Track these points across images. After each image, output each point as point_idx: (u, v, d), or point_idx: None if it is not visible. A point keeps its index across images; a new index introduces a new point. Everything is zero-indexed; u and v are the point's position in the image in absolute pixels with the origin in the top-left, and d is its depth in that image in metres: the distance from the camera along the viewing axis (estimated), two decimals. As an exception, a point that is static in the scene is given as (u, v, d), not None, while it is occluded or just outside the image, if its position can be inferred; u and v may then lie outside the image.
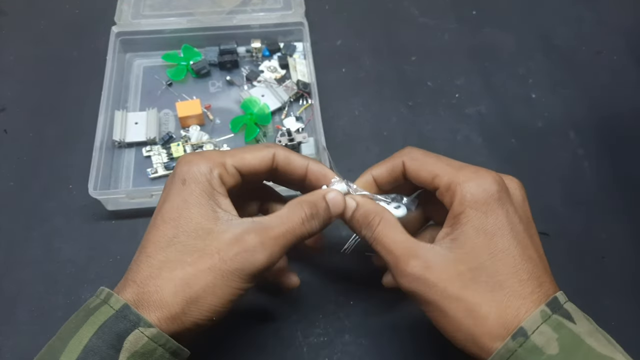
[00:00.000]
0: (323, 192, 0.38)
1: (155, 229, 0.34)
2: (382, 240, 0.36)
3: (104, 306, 0.32)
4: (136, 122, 0.57)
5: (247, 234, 0.34)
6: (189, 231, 0.34)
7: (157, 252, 0.33)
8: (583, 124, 0.61)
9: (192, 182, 0.35)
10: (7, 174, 0.55)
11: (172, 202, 0.35)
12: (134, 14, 0.63)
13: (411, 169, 0.38)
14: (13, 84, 0.63)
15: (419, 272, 0.33)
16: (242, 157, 0.37)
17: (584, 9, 0.73)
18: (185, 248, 0.33)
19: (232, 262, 0.33)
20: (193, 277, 0.33)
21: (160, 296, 0.32)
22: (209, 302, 0.33)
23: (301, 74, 0.61)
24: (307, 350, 0.46)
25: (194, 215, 0.34)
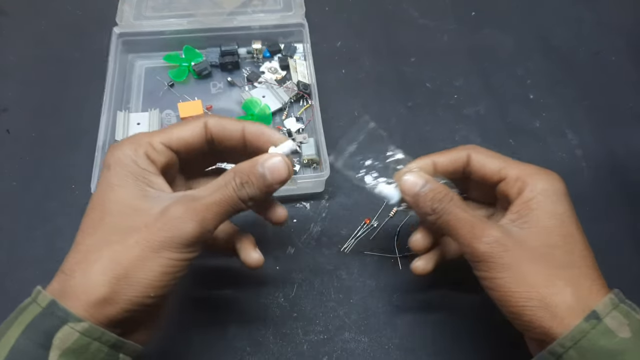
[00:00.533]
0: (260, 159, 0.36)
1: (84, 217, 0.34)
2: (456, 212, 0.37)
3: (32, 305, 0.31)
4: (138, 122, 0.58)
5: (174, 205, 0.33)
6: (115, 212, 0.33)
7: (85, 238, 0.33)
8: (581, 124, 0.61)
9: (116, 166, 0.34)
10: (10, 174, 0.56)
11: (98, 188, 0.35)
12: (136, 15, 0.64)
13: (477, 160, 0.40)
14: (15, 84, 0.63)
15: (499, 236, 0.35)
16: (169, 133, 0.36)
17: (582, 9, 0.73)
18: (112, 229, 0.33)
19: (160, 232, 0.32)
20: (120, 253, 0.31)
21: (87, 279, 0.31)
22: (141, 276, 0.31)
23: (301, 75, 0.62)
24: (307, 348, 0.46)
25: (119, 196, 0.33)
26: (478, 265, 0.36)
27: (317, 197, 0.55)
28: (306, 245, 0.52)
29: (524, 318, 0.33)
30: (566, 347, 0.31)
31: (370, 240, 0.52)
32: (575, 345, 0.31)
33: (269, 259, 0.51)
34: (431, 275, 0.50)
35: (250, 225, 0.53)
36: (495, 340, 0.47)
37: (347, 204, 0.55)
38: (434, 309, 0.49)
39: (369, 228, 0.53)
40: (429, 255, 0.43)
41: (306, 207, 0.54)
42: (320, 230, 0.53)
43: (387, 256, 0.51)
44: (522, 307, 0.33)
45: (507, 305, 0.34)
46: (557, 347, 0.32)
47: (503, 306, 0.35)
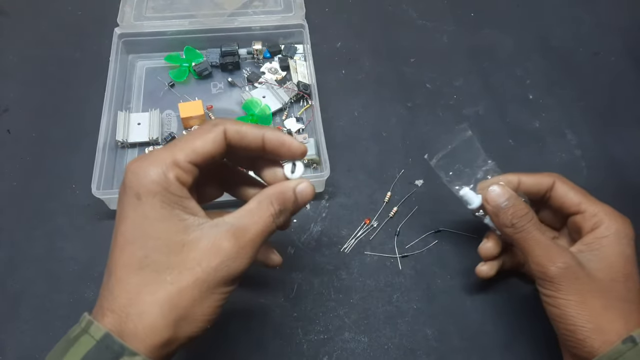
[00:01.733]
0: (292, 185, 0.36)
1: (120, 251, 0.32)
2: (534, 232, 0.40)
3: (84, 336, 0.30)
4: (139, 122, 0.58)
5: (224, 240, 0.32)
6: (160, 248, 0.31)
7: (130, 275, 0.31)
8: (580, 124, 0.62)
9: (147, 196, 0.32)
10: (11, 173, 0.56)
11: (132, 220, 0.32)
12: (137, 15, 0.64)
13: (561, 189, 0.43)
14: (16, 84, 0.63)
15: (572, 263, 0.38)
16: (193, 148, 0.33)
17: (581, 10, 0.73)
18: (161, 266, 0.31)
19: (216, 272, 0.32)
20: (178, 295, 0.31)
21: (147, 323, 0.30)
22: (200, 315, 0.32)
23: (302, 76, 0.62)
24: (307, 347, 0.46)
25: (160, 231, 0.32)
26: (546, 284, 0.39)
27: (317, 197, 0.55)
28: (306, 245, 0.52)
29: (577, 336, 0.37)
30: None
31: (370, 240, 0.53)
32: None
33: (269, 259, 0.51)
34: (430, 275, 0.50)
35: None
36: (496, 340, 0.47)
37: (347, 204, 0.55)
38: (433, 309, 0.49)
39: (369, 228, 0.53)
40: (494, 262, 0.46)
41: (306, 207, 0.54)
42: (320, 230, 0.53)
43: (387, 256, 0.51)
44: (578, 327, 0.37)
45: (565, 323, 0.38)
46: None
47: (560, 322, 0.38)
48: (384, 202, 0.55)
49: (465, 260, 0.51)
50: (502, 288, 0.50)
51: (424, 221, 0.54)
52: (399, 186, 0.56)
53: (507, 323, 0.48)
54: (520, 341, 0.47)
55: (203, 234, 0.32)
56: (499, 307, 0.49)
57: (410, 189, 0.56)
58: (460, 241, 0.52)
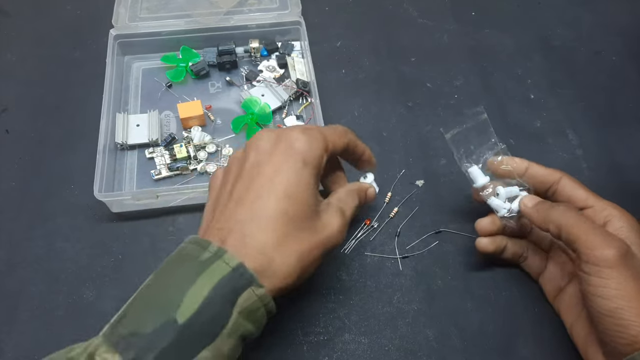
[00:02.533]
0: (366, 186, 0.47)
1: (274, 199, 0.37)
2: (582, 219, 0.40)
3: (217, 261, 0.34)
4: (138, 124, 0.58)
5: (337, 218, 0.40)
6: (306, 211, 0.38)
7: (279, 224, 0.36)
8: (582, 124, 0.61)
9: (312, 165, 0.38)
10: (9, 174, 0.56)
11: (295, 179, 0.38)
12: (131, 16, 0.64)
13: (568, 185, 0.45)
14: (15, 84, 0.63)
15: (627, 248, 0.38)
16: (335, 143, 0.42)
17: (582, 9, 0.73)
18: (302, 226, 0.37)
19: (329, 241, 0.39)
20: (308, 252, 0.37)
21: (285, 267, 0.36)
22: (311, 270, 0.38)
23: (300, 73, 0.62)
24: (307, 349, 0.46)
25: (309, 197, 0.38)
26: (600, 271, 0.37)
27: (317, 197, 0.55)
28: (306, 245, 0.52)
29: (630, 332, 0.36)
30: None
31: (371, 241, 0.52)
32: None
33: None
34: (431, 276, 0.50)
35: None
36: (497, 341, 0.47)
37: (347, 204, 0.54)
38: (434, 310, 0.48)
39: (369, 229, 0.53)
40: (495, 239, 0.47)
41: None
42: (320, 230, 0.53)
43: (388, 257, 0.51)
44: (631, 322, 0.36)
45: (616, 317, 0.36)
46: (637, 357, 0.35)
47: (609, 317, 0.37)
48: (385, 203, 0.54)
49: (467, 261, 0.51)
50: (503, 289, 0.49)
51: (424, 222, 0.53)
52: (400, 186, 0.56)
53: (508, 324, 0.48)
54: (521, 343, 0.47)
55: (324, 208, 0.40)
56: (500, 308, 0.48)
57: (410, 189, 0.56)
58: (461, 242, 0.52)
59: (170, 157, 0.56)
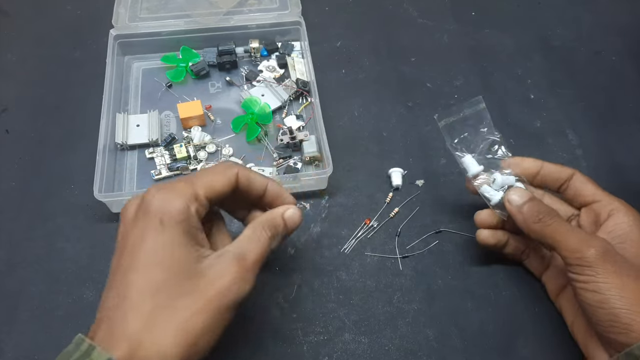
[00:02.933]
0: (281, 211, 0.40)
1: (136, 274, 0.33)
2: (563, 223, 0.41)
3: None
4: (138, 124, 0.58)
5: (230, 266, 0.35)
6: (177, 275, 0.33)
7: (145, 300, 0.32)
8: (582, 124, 0.61)
9: (172, 223, 0.34)
10: (9, 173, 0.56)
11: (153, 244, 0.34)
12: (131, 16, 0.64)
13: (580, 180, 0.45)
14: (15, 84, 0.63)
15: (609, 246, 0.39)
16: (211, 185, 0.37)
17: (582, 9, 0.73)
18: (175, 293, 0.33)
19: (225, 297, 0.34)
20: (189, 321, 0.32)
21: (160, 350, 0.31)
22: (207, 341, 0.33)
23: (300, 73, 0.62)
24: (307, 349, 0.46)
25: (178, 257, 0.34)
26: (584, 269, 0.38)
27: (317, 197, 0.55)
28: (306, 245, 0.52)
29: (622, 320, 0.36)
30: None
31: (371, 240, 0.52)
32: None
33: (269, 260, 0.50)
34: (431, 276, 0.50)
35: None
36: (497, 341, 0.47)
37: (347, 204, 0.54)
38: (434, 310, 0.48)
39: (369, 228, 0.53)
40: (496, 232, 0.47)
41: (306, 207, 0.54)
42: (320, 230, 0.53)
43: (388, 257, 0.51)
44: (623, 310, 0.36)
45: (608, 308, 0.37)
46: (635, 350, 0.35)
47: (601, 308, 0.37)
48: (386, 203, 0.54)
49: (467, 260, 0.51)
50: (504, 289, 0.49)
51: (424, 221, 0.53)
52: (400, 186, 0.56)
53: (508, 324, 0.48)
54: (521, 342, 0.47)
55: (211, 263, 0.35)
56: (500, 308, 0.48)
57: (411, 189, 0.55)
58: (461, 242, 0.52)
59: (170, 157, 0.56)
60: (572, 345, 0.45)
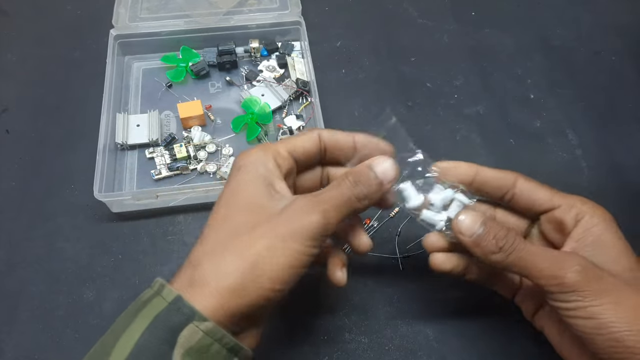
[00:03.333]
0: (368, 161, 0.37)
1: (211, 214, 0.35)
2: (528, 247, 0.35)
3: (156, 298, 0.31)
4: (138, 124, 0.58)
5: (297, 199, 0.34)
6: (243, 208, 0.34)
7: (211, 232, 0.33)
8: (581, 124, 0.61)
9: (246, 167, 0.36)
10: (9, 173, 0.56)
11: (228, 187, 0.35)
12: (131, 17, 0.64)
13: (525, 187, 0.39)
14: (15, 84, 0.63)
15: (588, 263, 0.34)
16: (292, 142, 0.38)
17: (582, 9, 0.73)
18: (239, 224, 0.33)
19: (286, 223, 0.33)
20: (247, 245, 0.32)
21: (217, 268, 0.31)
22: (268, 268, 0.31)
23: (300, 73, 0.62)
24: (307, 349, 0.46)
25: (247, 194, 0.34)
26: (567, 296, 0.33)
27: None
28: (306, 245, 0.52)
29: (627, 344, 0.32)
30: None
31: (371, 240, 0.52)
32: None
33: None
34: (431, 276, 0.50)
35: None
36: (497, 341, 0.47)
37: (347, 204, 0.54)
38: (434, 310, 0.48)
39: (369, 228, 0.53)
40: (453, 256, 0.40)
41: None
42: (320, 230, 0.53)
43: (388, 257, 0.51)
44: (624, 333, 0.32)
45: (607, 333, 0.32)
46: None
47: (600, 334, 0.32)
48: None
49: (466, 260, 0.51)
50: (503, 288, 0.49)
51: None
52: (400, 186, 0.56)
53: (508, 324, 0.47)
54: (521, 342, 0.47)
55: (282, 201, 0.34)
56: (500, 307, 0.48)
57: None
58: (461, 241, 0.52)
59: (170, 157, 0.56)
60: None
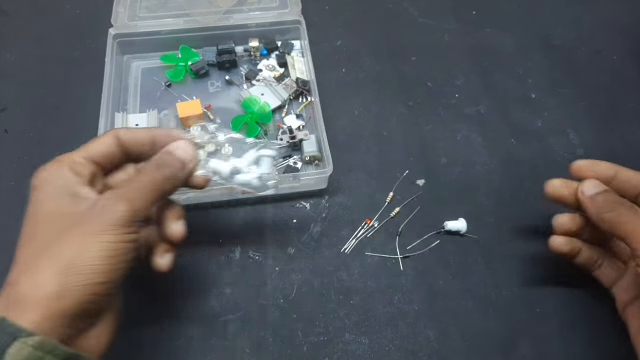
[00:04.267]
0: (167, 147, 0.40)
1: (20, 237, 0.35)
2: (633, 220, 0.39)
3: None
4: (137, 123, 0.57)
5: (103, 195, 0.35)
6: (48, 222, 0.34)
7: (22, 250, 0.34)
8: (583, 124, 0.61)
9: (42, 184, 0.36)
10: (8, 173, 0.55)
11: (29, 208, 0.35)
12: (130, 15, 0.63)
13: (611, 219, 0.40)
14: (14, 84, 0.63)
15: None
16: (87, 148, 0.39)
17: (583, 9, 0.73)
18: (49, 235, 0.33)
19: (94, 219, 0.33)
20: (60, 249, 0.32)
21: (33, 280, 0.31)
22: (85, 263, 0.32)
23: (299, 72, 0.61)
24: (307, 349, 0.46)
25: (49, 209, 0.34)
26: None
27: (317, 196, 0.55)
28: (306, 245, 0.52)
29: None
30: None
31: (371, 240, 0.52)
32: None
33: (269, 260, 0.50)
34: (432, 276, 0.50)
35: (249, 223, 0.52)
36: (497, 341, 0.47)
37: (347, 204, 0.54)
38: (435, 310, 0.48)
39: (369, 228, 0.53)
40: (572, 240, 0.45)
41: (306, 207, 0.54)
42: (320, 230, 0.52)
43: (388, 257, 0.51)
44: None
45: None
46: None
47: None
48: (386, 203, 0.54)
49: (467, 261, 0.51)
50: (504, 289, 0.49)
51: (425, 221, 0.53)
52: (400, 186, 0.55)
53: (508, 324, 0.47)
54: (522, 342, 0.46)
55: (88, 201, 0.35)
56: (500, 307, 0.48)
57: (411, 189, 0.55)
58: (462, 242, 0.52)
59: (170, 156, 0.56)
60: (571, 345, 0.44)
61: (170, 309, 0.47)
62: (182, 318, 0.47)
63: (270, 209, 0.54)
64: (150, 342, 0.46)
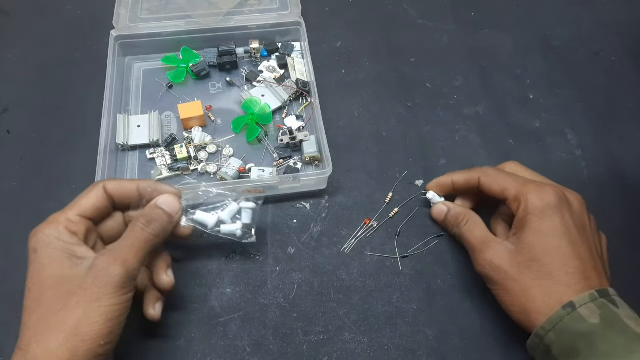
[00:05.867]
0: (153, 201, 0.43)
1: (25, 299, 0.37)
2: (466, 235, 0.47)
3: None
4: (138, 125, 0.58)
5: (97, 258, 0.38)
6: (52, 286, 0.37)
7: (31, 315, 0.36)
8: (581, 124, 0.61)
9: (42, 247, 0.38)
10: (10, 174, 0.56)
11: (31, 271, 0.38)
12: (132, 17, 0.64)
13: (484, 182, 0.47)
14: (16, 85, 0.63)
15: (489, 259, 0.43)
16: (79, 204, 0.41)
17: (581, 10, 0.73)
18: (53, 300, 0.36)
19: (93, 286, 0.36)
20: (65, 317, 0.35)
21: (44, 348, 0.34)
22: (88, 330, 0.35)
23: (300, 73, 0.62)
24: (307, 348, 0.46)
25: (52, 272, 0.37)
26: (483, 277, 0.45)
27: (317, 197, 0.55)
28: (306, 245, 0.52)
29: (514, 319, 0.43)
30: (546, 330, 0.39)
31: (371, 240, 0.52)
32: (553, 328, 0.39)
33: (269, 259, 0.51)
34: (431, 276, 0.50)
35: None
36: (496, 340, 0.47)
37: (347, 204, 0.55)
38: (434, 309, 0.49)
39: (368, 228, 0.53)
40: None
41: (306, 207, 0.54)
42: (320, 230, 0.53)
43: (388, 257, 0.51)
44: (509, 310, 0.43)
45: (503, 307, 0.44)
46: (540, 331, 0.39)
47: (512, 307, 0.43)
48: (385, 203, 0.54)
49: (466, 260, 0.51)
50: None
51: (424, 221, 0.54)
52: (400, 186, 0.56)
53: (507, 323, 0.47)
54: (520, 341, 0.47)
55: (85, 264, 0.38)
56: (499, 307, 0.48)
57: (410, 189, 0.56)
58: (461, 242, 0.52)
59: (171, 157, 0.56)
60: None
61: (171, 309, 0.47)
62: (183, 318, 0.47)
63: (271, 209, 0.54)
64: (152, 343, 0.46)
